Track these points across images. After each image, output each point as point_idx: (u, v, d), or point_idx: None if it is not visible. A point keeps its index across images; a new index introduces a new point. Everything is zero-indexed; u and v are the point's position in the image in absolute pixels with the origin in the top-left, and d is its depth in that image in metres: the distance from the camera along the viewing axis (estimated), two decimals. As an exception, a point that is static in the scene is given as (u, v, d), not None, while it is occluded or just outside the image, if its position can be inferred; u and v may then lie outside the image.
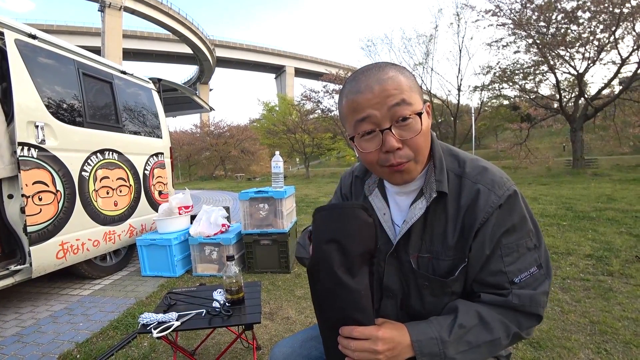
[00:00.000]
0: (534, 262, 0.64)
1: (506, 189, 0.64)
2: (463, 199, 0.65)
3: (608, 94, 13.16)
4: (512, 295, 0.62)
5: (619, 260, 2.70)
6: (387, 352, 0.58)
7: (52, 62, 2.50)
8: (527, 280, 0.63)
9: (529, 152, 14.47)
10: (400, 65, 0.65)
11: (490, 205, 0.63)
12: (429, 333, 0.61)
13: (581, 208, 5.03)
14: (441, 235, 0.67)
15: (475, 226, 0.63)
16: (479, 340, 0.61)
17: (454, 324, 0.61)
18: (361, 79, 0.62)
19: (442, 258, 0.67)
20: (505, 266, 0.63)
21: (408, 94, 0.60)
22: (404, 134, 0.60)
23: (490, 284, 0.65)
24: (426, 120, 0.63)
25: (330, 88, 20.21)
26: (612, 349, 1.57)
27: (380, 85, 0.59)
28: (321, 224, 0.63)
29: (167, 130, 3.84)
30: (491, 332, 0.61)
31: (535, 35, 12.17)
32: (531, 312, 0.63)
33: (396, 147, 0.60)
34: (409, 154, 0.62)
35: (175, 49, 45.09)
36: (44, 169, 2.31)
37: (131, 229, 3.13)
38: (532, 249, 0.64)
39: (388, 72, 0.61)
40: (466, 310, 0.63)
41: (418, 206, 0.68)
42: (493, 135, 27.55)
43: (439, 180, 0.66)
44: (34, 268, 2.23)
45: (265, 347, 1.73)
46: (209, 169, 30.89)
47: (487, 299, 0.64)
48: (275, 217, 2.87)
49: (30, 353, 1.78)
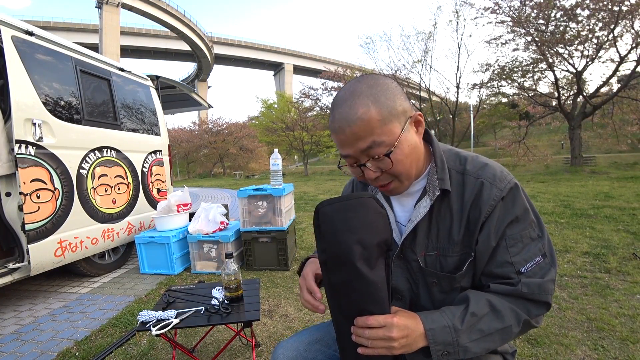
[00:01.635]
0: (538, 252, 0.65)
1: (507, 182, 0.66)
2: (467, 195, 0.67)
3: (606, 92, 13.16)
4: (521, 284, 0.63)
5: (616, 258, 2.71)
6: (402, 339, 0.58)
7: (49, 59, 2.48)
8: (534, 270, 0.64)
9: (527, 150, 14.49)
10: (376, 83, 0.64)
11: (493, 198, 0.65)
12: (442, 322, 0.61)
13: (579, 206, 5.05)
14: (447, 232, 0.69)
15: (480, 219, 0.65)
16: (491, 328, 0.62)
17: (466, 313, 0.62)
18: (335, 116, 0.64)
19: (449, 254, 0.69)
20: (511, 257, 0.65)
21: (379, 131, 0.61)
22: (380, 165, 0.65)
23: (497, 275, 0.66)
24: (404, 144, 0.64)
25: (329, 85, 20.14)
26: (609, 345, 1.58)
27: (350, 128, 0.61)
28: (335, 215, 0.61)
29: (165, 128, 3.83)
30: (502, 319, 0.62)
31: (534, 32, 12.15)
32: (540, 300, 0.64)
33: (373, 177, 0.66)
34: (389, 177, 0.66)
35: (173, 46, 44.84)
36: (42, 167, 2.30)
37: (130, 226, 3.13)
38: (535, 238, 0.66)
39: (357, 110, 0.61)
40: (477, 299, 0.64)
41: (422, 205, 0.70)
42: (492, 133, 27.56)
43: (441, 179, 0.68)
44: (33, 266, 2.22)
45: (264, 345, 1.73)
46: (207, 166, 30.84)
47: (497, 288, 0.65)
48: (274, 214, 2.87)
49: (29, 351, 1.78)
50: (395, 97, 0.63)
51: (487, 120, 23.20)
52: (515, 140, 15.04)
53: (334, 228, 0.60)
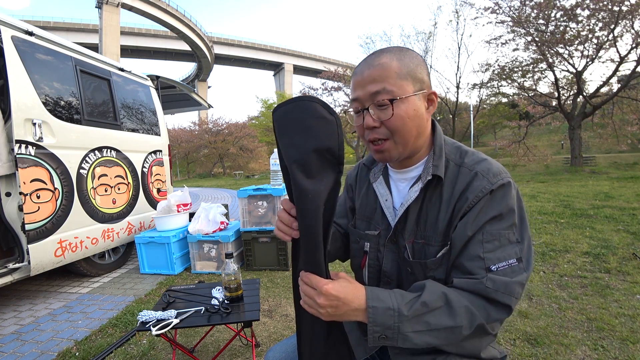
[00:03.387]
0: (514, 255, 0.62)
1: (500, 178, 0.65)
2: (458, 185, 0.67)
3: (606, 92, 13.15)
4: (487, 279, 0.60)
5: (616, 258, 2.71)
6: (329, 308, 0.56)
7: (49, 59, 2.48)
8: (504, 270, 0.61)
9: (527, 150, 14.48)
10: (407, 49, 0.68)
11: (481, 190, 0.64)
12: (387, 302, 0.57)
13: (579, 206, 5.05)
14: (434, 220, 0.69)
15: (463, 209, 0.65)
16: (439, 323, 0.58)
17: (416, 301, 0.58)
18: (360, 62, 0.69)
19: (432, 243, 0.69)
20: (484, 252, 0.62)
21: (392, 82, 0.64)
22: (380, 115, 0.65)
23: (466, 270, 0.63)
24: (410, 105, 0.65)
25: (328, 85, 20.17)
26: (609, 345, 1.58)
27: (369, 71, 0.65)
28: (279, 119, 0.60)
29: (165, 128, 3.83)
30: (454, 317, 0.58)
31: (534, 32, 12.14)
32: (502, 302, 0.60)
33: (371, 125, 0.66)
34: (386, 132, 0.66)
35: (173, 46, 44.84)
36: (42, 167, 2.30)
37: (130, 226, 3.13)
38: (513, 242, 0.63)
39: (382, 58, 0.65)
40: (433, 290, 0.60)
41: (414, 189, 0.71)
42: (491, 132, 27.56)
43: (435, 165, 0.69)
44: (33, 266, 2.22)
45: (264, 345, 1.73)
46: (207, 166, 30.84)
47: (459, 283, 0.62)
48: (273, 214, 2.86)
49: (29, 351, 1.78)
50: (419, 65, 0.67)
51: (487, 120, 23.21)
52: (515, 140, 15.03)
53: (278, 132, 0.60)
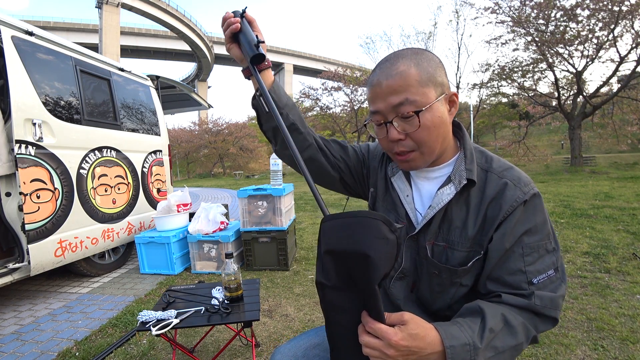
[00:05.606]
0: (551, 265, 0.64)
1: (531, 187, 0.65)
2: (488, 191, 0.66)
3: (606, 92, 13.17)
4: (534, 297, 0.61)
5: (616, 258, 2.71)
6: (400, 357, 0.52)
7: (49, 59, 2.48)
8: (544, 282, 0.63)
9: (527, 150, 14.50)
10: (422, 51, 0.65)
11: (515, 199, 0.63)
12: (462, 339, 0.55)
13: (579, 206, 5.05)
14: (460, 226, 0.67)
15: (498, 218, 0.64)
16: (505, 345, 0.58)
17: (484, 329, 0.57)
18: (377, 71, 0.66)
19: (457, 248, 0.67)
20: (525, 266, 0.63)
21: (414, 90, 0.61)
22: (406, 127, 0.63)
23: (508, 283, 0.64)
24: (435, 112, 0.63)
25: (328, 85, 20.14)
26: (609, 345, 1.58)
27: (387, 81, 0.62)
28: (328, 231, 0.52)
29: (165, 128, 3.83)
30: (516, 336, 0.59)
31: (534, 32, 12.15)
32: (550, 315, 0.62)
33: (396, 138, 0.64)
34: (412, 144, 0.65)
35: (173, 46, 44.81)
36: (42, 167, 2.30)
37: (130, 226, 3.13)
38: (551, 251, 0.64)
39: (399, 67, 0.62)
40: (493, 313, 0.59)
41: (446, 192, 0.68)
42: (492, 133, 27.57)
43: (470, 169, 0.67)
44: (33, 266, 2.22)
45: (264, 345, 1.73)
46: (207, 166, 30.83)
47: (510, 300, 0.62)
48: (273, 214, 2.87)
49: (29, 351, 1.78)
50: (437, 68, 0.65)
51: (487, 120, 23.20)
52: (515, 140, 15.05)
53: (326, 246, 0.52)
